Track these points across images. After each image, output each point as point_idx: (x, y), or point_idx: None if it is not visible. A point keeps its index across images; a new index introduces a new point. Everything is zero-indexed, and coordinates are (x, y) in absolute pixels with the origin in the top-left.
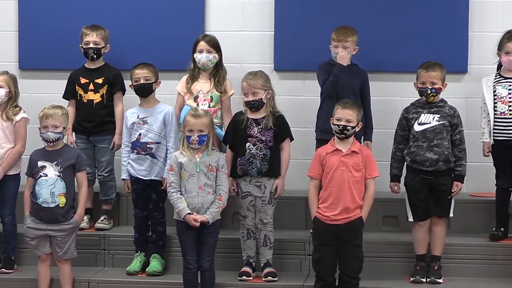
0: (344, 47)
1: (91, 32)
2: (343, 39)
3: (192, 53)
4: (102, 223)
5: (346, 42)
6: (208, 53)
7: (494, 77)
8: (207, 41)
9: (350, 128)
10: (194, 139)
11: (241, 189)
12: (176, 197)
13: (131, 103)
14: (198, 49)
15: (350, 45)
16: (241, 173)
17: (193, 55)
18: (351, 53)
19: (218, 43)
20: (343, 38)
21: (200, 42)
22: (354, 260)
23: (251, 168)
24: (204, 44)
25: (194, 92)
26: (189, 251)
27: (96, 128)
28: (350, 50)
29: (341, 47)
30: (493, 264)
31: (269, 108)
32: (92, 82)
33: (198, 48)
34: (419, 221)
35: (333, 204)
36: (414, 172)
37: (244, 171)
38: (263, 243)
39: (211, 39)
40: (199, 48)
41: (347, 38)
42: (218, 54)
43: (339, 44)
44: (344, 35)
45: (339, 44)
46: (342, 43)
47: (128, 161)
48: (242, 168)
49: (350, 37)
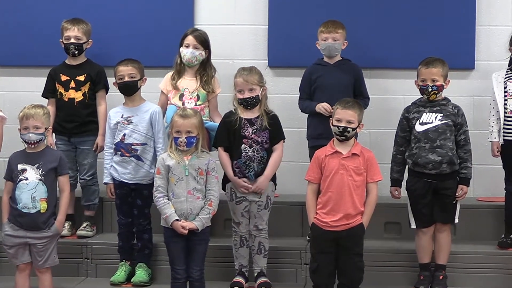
0: (334, 39)
1: (72, 26)
2: (333, 30)
3: (179, 47)
4: (84, 230)
5: (336, 34)
6: (195, 49)
7: (506, 72)
8: (195, 36)
9: (351, 129)
10: (182, 141)
11: (235, 194)
12: (163, 203)
13: (114, 102)
14: (185, 43)
15: (340, 37)
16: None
17: (180, 49)
18: (340, 45)
19: (207, 39)
20: (333, 30)
21: (188, 36)
22: (354, 270)
23: (248, 171)
24: (192, 39)
25: (180, 89)
26: (177, 260)
27: (77, 128)
28: (340, 43)
29: (331, 39)
30: (502, 274)
31: (263, 107)
32: (73, 80)
33: (185, 42)
34: (422, 228)
35: (332, 210)
36: (417, 176)
37: (241, 175)
38: (257, 251)
39: (200, 34)
40: (186, 43)
41: (337, 30)
42: (205, 52)
43: (329, 35)
44: (333, 27)
45: (329, 35)
46: (332, 34)
47: (111, 163)
48: (239, 172)
49: (340, 29)
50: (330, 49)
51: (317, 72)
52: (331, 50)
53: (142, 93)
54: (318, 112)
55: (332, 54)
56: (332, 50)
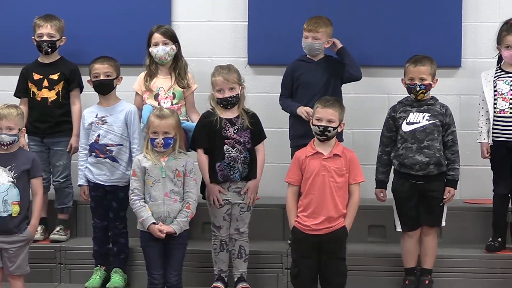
0: (314, 38)
1: (44, 23)
2: (313, 29)
3: (147, 47)
4: (57, 234)
5: (316, 33)
6: (165, 45)
7: (495, 71)
8: (162, 32)
9: (332, 129)
10: (159, 142)
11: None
12: (140, 206)
13: (89, 101)
14: (153, 42)
15: (322, 36)
16: (222, 179)
17: (149, 50)
18: (322, 46)
19: (174, 33)
20: (313, 28)
21: (155, 34)
22: (337, 275)
23: (233, 173)
24: (159, 36)
25: (154, 89)
26: (154, 265)
27: (51, 129)
28: (321, 42)
29: (311, 38)
30: (490, 278)
31: (241, 106)
32: (46, 79)
33: (153, 41)
34: (408, 231)
35: (314, 213)
36: (403, 177)
37: (224, 177)
38: (238, 255)
39: (166, 29)
40: (154, 41)
41: (317, 29)
42: (175, 45)
43: (309, 34)
44: (315, 25)
45: (309, 34)
46: (313, 33)
47: (86, 165)
48: (223, 174)
49: (322, 28)
50: (310, 48)
51: (300, 68)
52: (311, 50)
53: (118, 92)
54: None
55: (312, 53)
56: (312, 49)
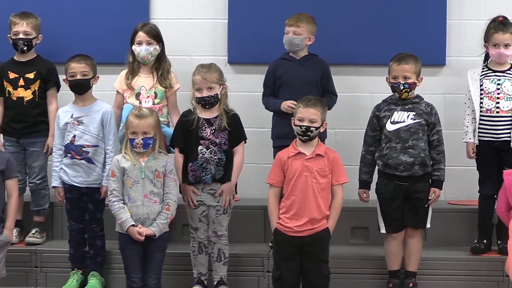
0: (294, 33)
1: (20, 20)
2: (294, 24)
3: (130, 45)
4: (33, 237)
5: (297, 28)
6: (148, 45)
7: (481, 69)
8: (146, 31)
9: (314, 129)
10: (138, 142)
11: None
12: (118, 207)
13: (65, 100)
14: (136, 40)
15: (303, 32)
16: (193, 180)
17: (132, 47)
18: (303, 42)
19: (159, 33)
20: (294, 23)
21: (139, 32)
22: (320, 278)
23: (204, 174)
24: (143, 35)
25: (135, 88)
26: (132, 268)
27: (27, 129)
28: (302, 37)
29: (291, 33)
30: (475, 281)
31: (222, 106)
32: (22, 77)
33: (136, 39)
34: (392, 233)
35: (296, 215)
36: (387, 178)
37: (196, 177)
38: (217, 258)
39: (151, 28)
40: (138, 40)
41: (298, 23)
42: (159, 45)
43: (290, 29)
44: (296, 20)
45: (290, 29)
46: (294, 28)
47: (60, 166)
48: (194, 175)
49: (303, 24)
50: (290, 43)
51: (282, 67)
52: (291, 45)
53: (95, 91)
54: (285, 111)
55: (292, 49)
56: (292, 44)
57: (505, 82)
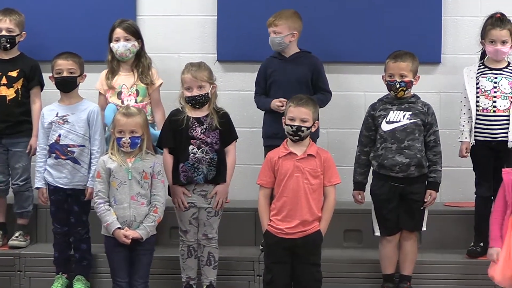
0: (274, 32)
1: (3, 17)
2: (271, 23)
3: (108, 42)
4: (17, 240)
5: (275, 27)
6: (126, 41)
7: (478, 67)
8: (124, 27)
9: (305, 128)
10: (126, 142)
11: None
12: (104, 209)
13: (49, 99)
14: (114, 37)
15: (282, 30)
16: (185, 181)
17: (110, 45)
18: (284, 40)
19: (137, 29)
20: (271, 22)
21: (116, 29)
22: (312, 281)
23: (196, 174)
24: (121, 32)
25: (116, 87)
26: (119, 272)
27: (10, 129)
28: (282, 36)
29: (272, 33)
30: (471, 285)
31: (212, 105)
32: (5, 76)
33: (114, 36)
34: (387, 236)
35: (288, 217)
36: (382, 179)
37: (188, 178)
38: (207, 261)
39: (129, 25)
40: (116, 36)
41: (276, 22)
42: (138, 42)
43: (270, 29)
44: (273, 18)
45: (270, 29)
46: (272, 28)
47: (45, 167)
48: (186, 175)
49: (281, 21)
50: (272, 43)
51: (272, 65)
52: (274, 45)
53: (79, 90)
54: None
55: (276, 49)
56: (274, 44)
57: (502, 80)
